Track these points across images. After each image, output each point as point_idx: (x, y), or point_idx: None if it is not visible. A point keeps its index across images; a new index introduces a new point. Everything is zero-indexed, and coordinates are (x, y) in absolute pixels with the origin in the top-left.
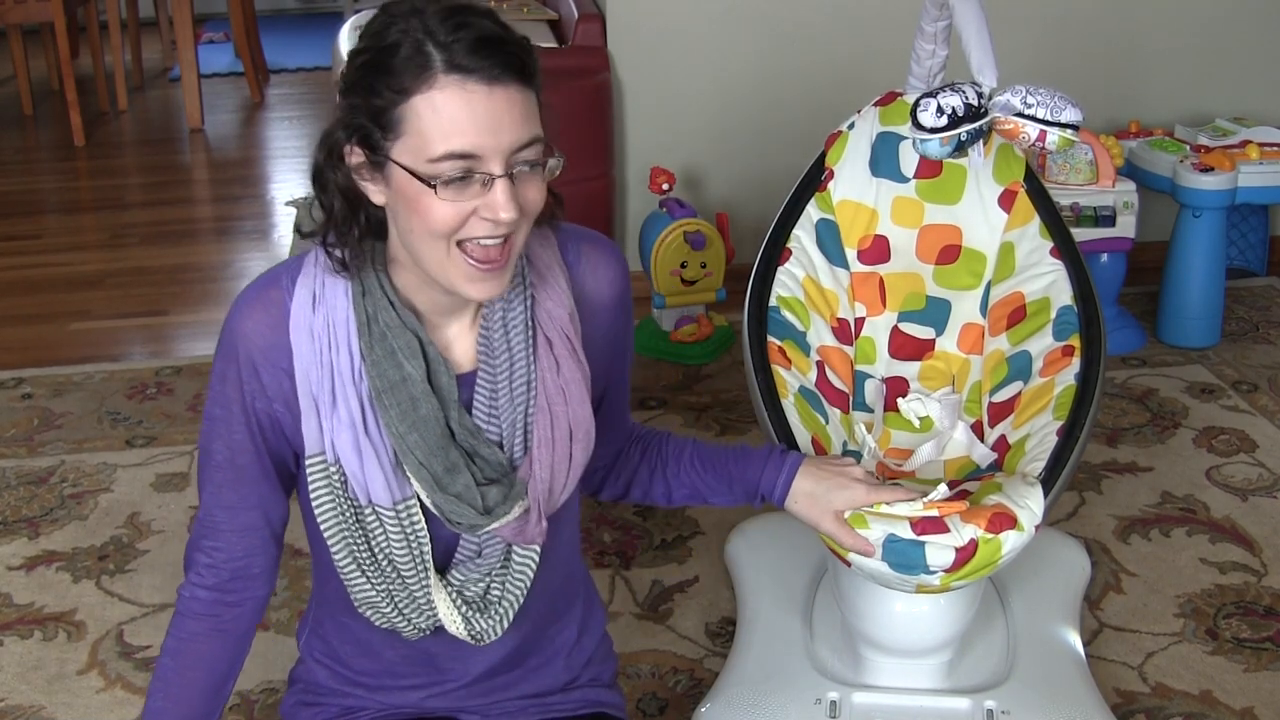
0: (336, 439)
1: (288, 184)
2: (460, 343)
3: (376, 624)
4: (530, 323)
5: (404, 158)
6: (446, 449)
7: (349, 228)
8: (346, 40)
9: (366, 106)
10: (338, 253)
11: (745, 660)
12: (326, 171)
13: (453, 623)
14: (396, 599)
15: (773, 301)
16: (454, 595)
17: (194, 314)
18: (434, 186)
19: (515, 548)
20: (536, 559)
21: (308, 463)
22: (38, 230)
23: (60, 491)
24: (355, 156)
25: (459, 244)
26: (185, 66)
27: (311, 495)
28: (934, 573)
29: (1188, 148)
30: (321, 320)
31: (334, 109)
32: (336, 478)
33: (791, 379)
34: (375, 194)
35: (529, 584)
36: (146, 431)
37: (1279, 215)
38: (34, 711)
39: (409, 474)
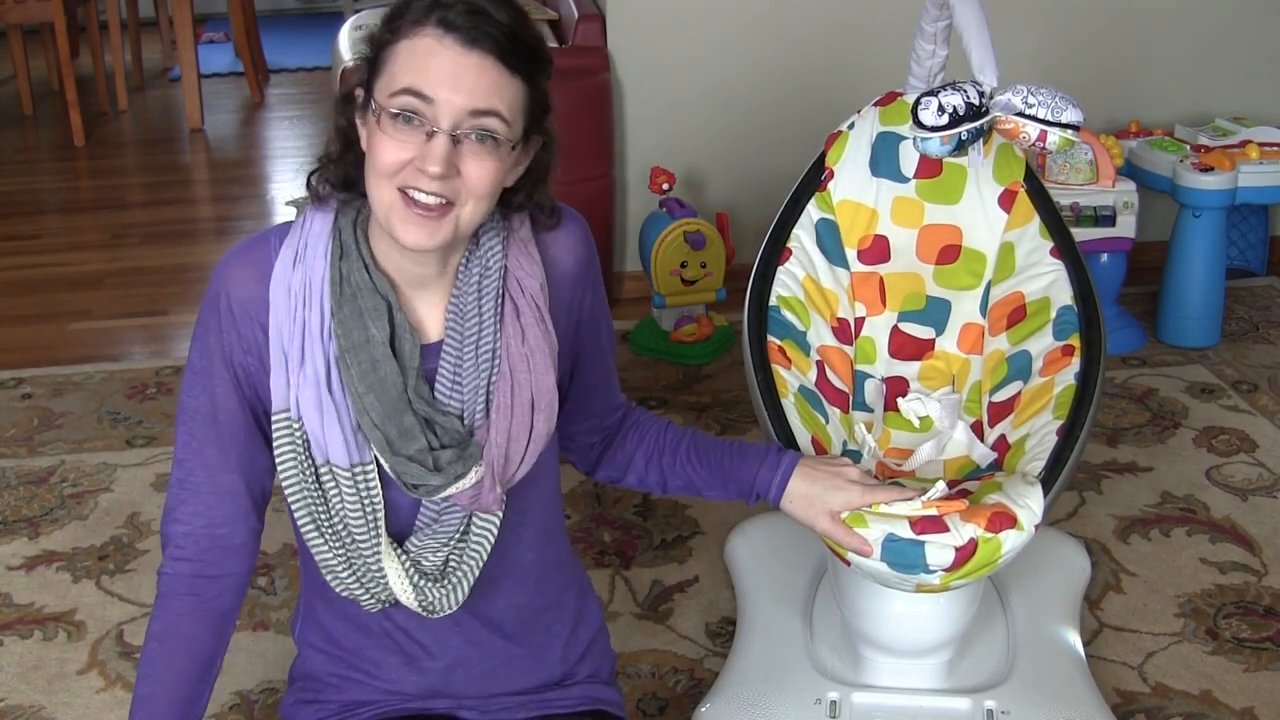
0: (301, 395)
1: (288, 184)
2: (431, 318)
3: (339, 592)
4: (502, 291)
5: (376, 94)
6: (402, 413)
7: (338, 163)
8: (346, 40)
9: (370, 48)
10: (323, 186)
11: (745, 660)
12: (340, 114)
13: (403, 591)
14: (354, 565)
15: (773, 301)
16: (409, 565)
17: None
18: (378, 117)
19: (475, 517)
20: (495, 529)
21: (274, 419)
22: (38, 230)
23: (60, 491)
24: (358, 97)
25: (401, 190)
26: (185, 66)
27: (276, 453)
28: (934, 572)
29: (1188, 148)
30: (300, 278)
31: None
32: (299, 436)
33: (791, 378)
34: (364, 137)
35: (486, 555)
36: (146, 431)
37: (1279, 215)
38: (34, 711)
39: (367, 436)
